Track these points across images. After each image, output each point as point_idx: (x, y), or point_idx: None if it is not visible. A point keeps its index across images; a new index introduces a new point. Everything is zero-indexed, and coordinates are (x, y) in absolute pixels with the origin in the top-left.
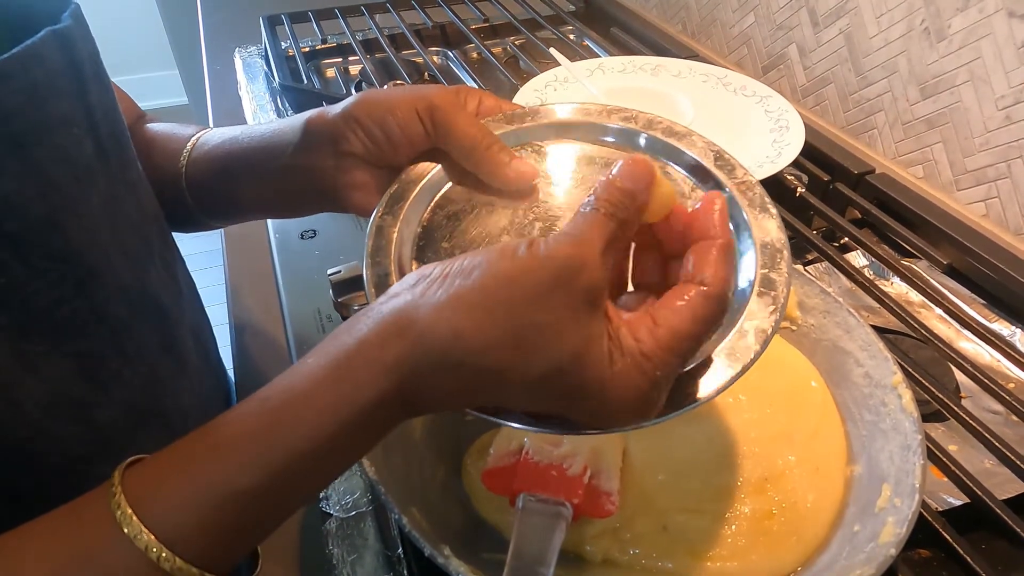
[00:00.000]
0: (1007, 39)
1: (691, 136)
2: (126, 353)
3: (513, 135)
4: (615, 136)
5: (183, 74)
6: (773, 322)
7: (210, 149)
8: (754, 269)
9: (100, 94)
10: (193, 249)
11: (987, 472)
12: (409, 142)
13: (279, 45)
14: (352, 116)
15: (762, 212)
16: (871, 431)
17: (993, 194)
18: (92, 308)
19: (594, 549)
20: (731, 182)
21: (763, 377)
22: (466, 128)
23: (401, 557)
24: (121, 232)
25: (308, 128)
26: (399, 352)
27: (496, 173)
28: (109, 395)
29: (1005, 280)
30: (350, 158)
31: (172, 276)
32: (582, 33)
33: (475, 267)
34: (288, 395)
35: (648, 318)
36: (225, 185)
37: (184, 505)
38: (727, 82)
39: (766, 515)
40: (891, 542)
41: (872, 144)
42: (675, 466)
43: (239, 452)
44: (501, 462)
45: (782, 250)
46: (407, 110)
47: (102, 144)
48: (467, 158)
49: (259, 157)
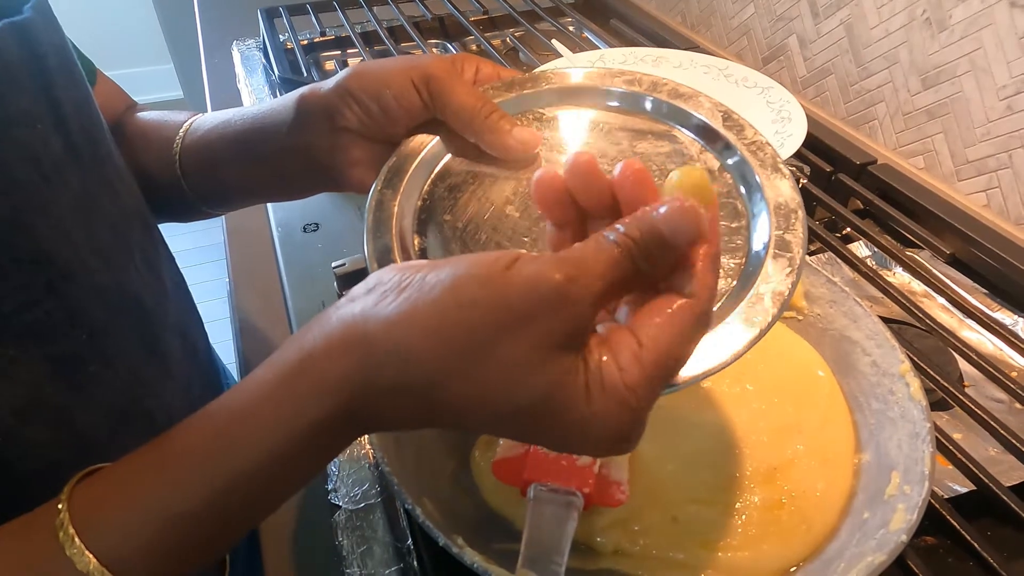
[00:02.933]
0: (1008, 29)
1: (698, 97)
2: (105, 355)
3: (513, 102)
4: (619, 100)
5: (178, 68)
6: (790, 284)
7: (203, 134)
8: (768, 231)
9: (69, 88)
10: (194, 244)
11: (992, 459)
12: (406, 114)
13: (277, 38)
14: (346, 90)
15: (774, 172)
16: (879, 420)
17: (994, 184)
18: (66, 310)
19: (605, 540)
20: (741, 143)
21: (770, 367)
22: (464, 97)
23: (411, 548)
24: (97, 231)
25: (301, 105)
26: (345, 369)
27: (497, 142)
28: (87, 398)
29: (1007, 269)
30: (346, 134)
31: (156, 274)
32: (581, 25)
33: (439, 282)
34: (232, 412)
35: (631, 338)
36: (220, 170)
37: (126, 526)
38: (728, 73)
39: (776, 505)
40: (902, 528)
41: (873, 135)
42: (684, 457)
43: (181, 471)
44: (511, 452)
45: (796, 210)
46: (402, 81)
47: (72, 140)
48: (466, 127)
49: (253, 139)
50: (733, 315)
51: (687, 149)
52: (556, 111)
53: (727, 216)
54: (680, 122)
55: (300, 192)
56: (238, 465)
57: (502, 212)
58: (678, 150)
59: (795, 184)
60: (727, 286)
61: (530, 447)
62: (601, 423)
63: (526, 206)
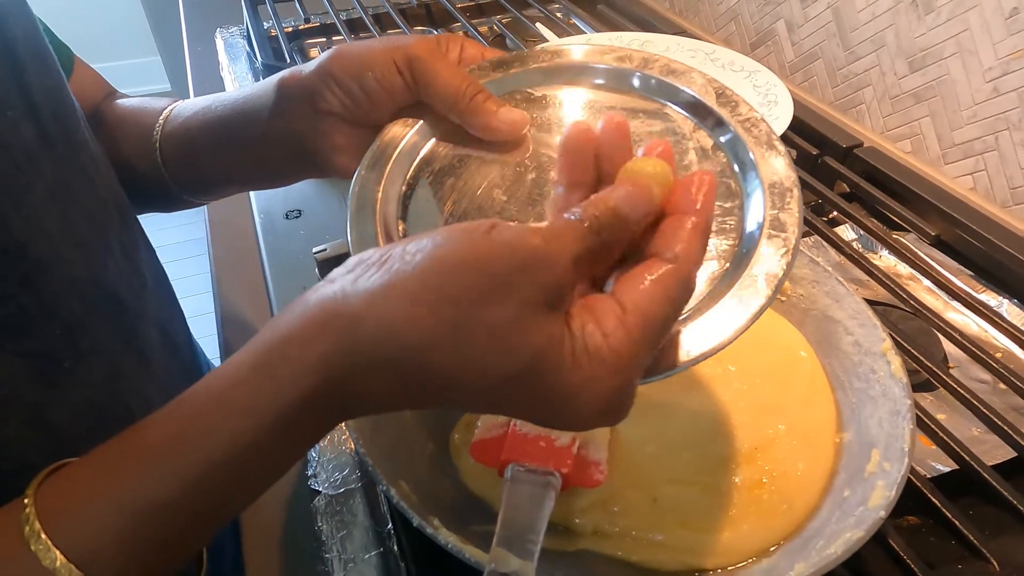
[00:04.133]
0: (995, 10)
1: (690, 73)
2: (81, 350)
3: (500, 83)
4: (610, 78)
5: (165, 59)
6: (785, 265)
7: (183, 121)
8: (763, 210)
9: (40, 75)
10: (178, 238)
11: (975, 439)
12: (389, 96)
13: (261, 25)
14: (327, 72)
15: (769, 150)
16: (861, 398)
17: (980, 167)
18: (41, 304)
19: (583, 521)
20: (734, 119)
21: (753, 348)
22: (448, 78)
23: (391, 532)
24: (72, 221)
25: (281, 89)
26: (324, 348)
27: (483, 124)
28: (63, 395)
29: (992, 251)
30: (328, 118)
31: (134, 267)
32: (568, 11)
33: (419, 250)
34: (206, 398)
35: (614, 304)
36: (201, 157)
37: (94, 521)
38: (715, 57)
39: (756, 484)
40: (880, 505)
41: (860, 119)
42: (665, 438)
43: (151, 462)
44: (489, 434)
45: (792, 188)
46: (385, 62)
47: (44, 127)
48: (451, 109)
49: (234, 125)
50: (726, 297)
51: (680, 127)
52: (544, 91)
53: (721, 196)
54: (672, 99)
55: (283, 178)
56: (211, 454)
57: (489, 196)
58: (670, 128)
59: (790, 161)
60: (720, 268)
61: (509, 428)
62: (590, 391)
63: (514, 190)
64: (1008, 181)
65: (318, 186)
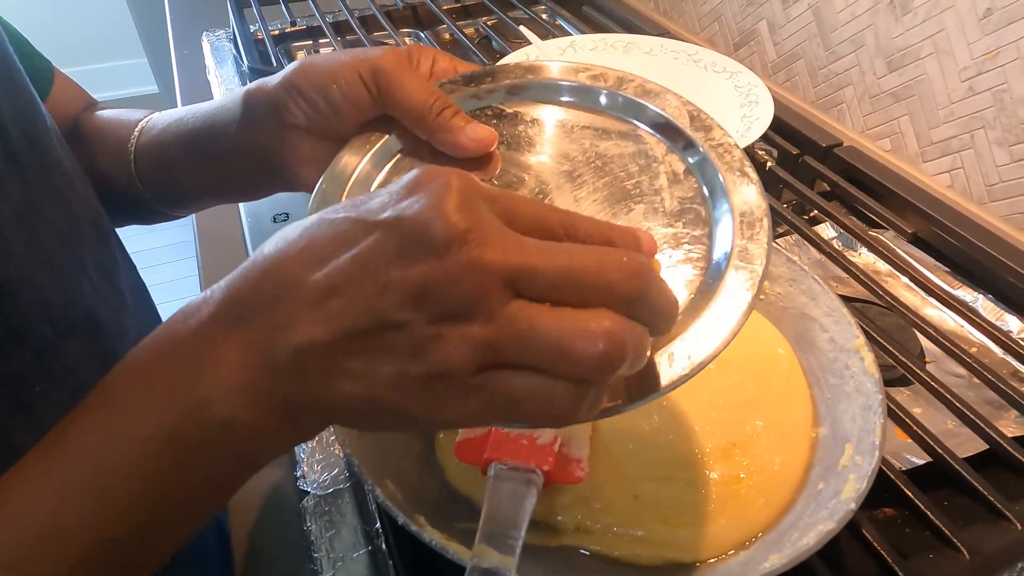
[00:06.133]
0: (969, 10)
1: (665, 95)
2: (53, 373)
3: (471, 98)
4: (583, 96)
5: (152, 61)
6: (749, 299)
7: (157, 134)
8: (730, 239)
9: (9, 96)
10: (166, 241)
11: (949, 432)
12: (354, 109)
13: (247, 28)
14: (292, 85)
15: (741, 176)
16: (835, 394)
17: (957, 165)
18: (9, 328)
19: (566, 519)
20: (707, 143)
21: (731, 346)
22: (414, 92)
23: (379, 531)
24: (42, 244)
25: (247, 101)
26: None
27: (449, 140)
28: (34, 419)
29: (968, 248)
30: (294, 131)
31: (112, 286)
32: (554, 12)
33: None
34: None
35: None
36: (174, 170)
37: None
38: (697, 59)
39: (734, 480)
40: (852, 497)
41: (841, 118)
42: (645, 435)
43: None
44: (473, 433)
45: (762, 219)
46: (350, 75)
47: (12, 149)
48: (417, 124)
49: (203, 138)
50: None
51: (652, 150)
52: (516, 107)
53: (690, 223)
54: (645, 121)
55: (253, 192)
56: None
57: None
58: (643, 151)
59: (762, 190)
60: (688, 298)
61: (492, 428)
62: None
63: None
64: (984, 178)
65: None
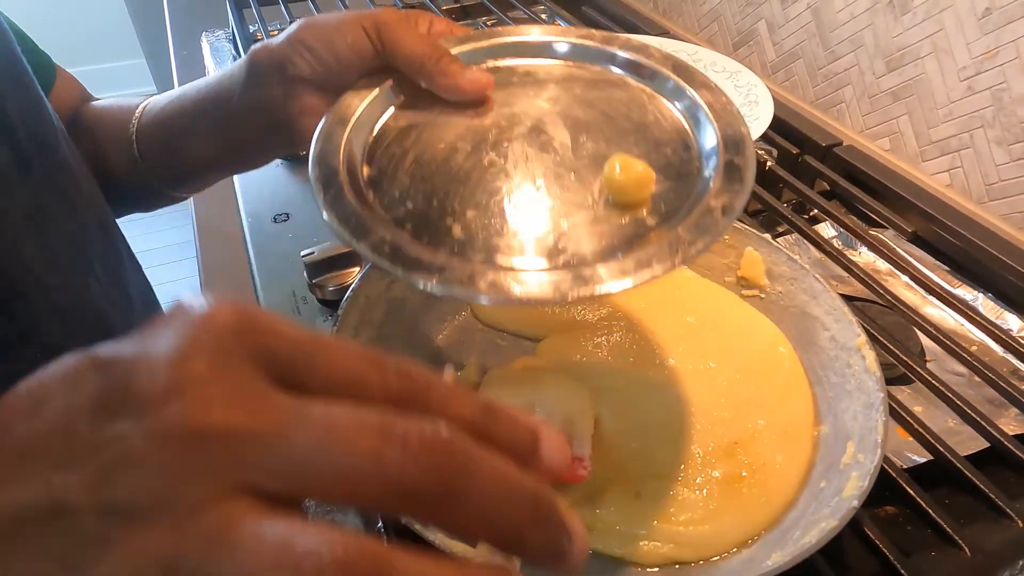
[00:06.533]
0: (968, 10)
1: (648, 48)
2: None
3: (467, 55)
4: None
5: (150, 62)
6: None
7: (159, 111)
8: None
9: (18, 97)
10: (166, 241)
11: (950, 431)
12: (358, 60)
13: (247, 29)
14: (298, 39)
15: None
16: (837, 392)
17: (957, 164)
18: (18, 330)
19: None
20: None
21: (733, 344)
22: (415, 43)
23: (381, 531)
24: (51, 245)
25: (254, 61)
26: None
27: (449, 84)
28: None
29: (968, 247)
30: (299, 83)
31: (119, 286)
32: (553, 12)
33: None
34: None
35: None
36: (178, 144)
37: None
38: (697, 58)
39: (736, 478)
40: (854, 495)
41: (840, 118)
42: (647, 434)
43: None
44: None
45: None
46: (354, 28)
47: (21, 150)
48: (418, 72)
49: (208, 106)
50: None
51: (638, 95)
52: (510, 62)
53: (680, 149)
54: (632, 72)
55: (259, 155)
56: None
57: (453, 147)
58: (631, 96)
59: (743, 120)
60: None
61: None
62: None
63: (479, 140)
64: (983, 178)
65: (305, 189)
